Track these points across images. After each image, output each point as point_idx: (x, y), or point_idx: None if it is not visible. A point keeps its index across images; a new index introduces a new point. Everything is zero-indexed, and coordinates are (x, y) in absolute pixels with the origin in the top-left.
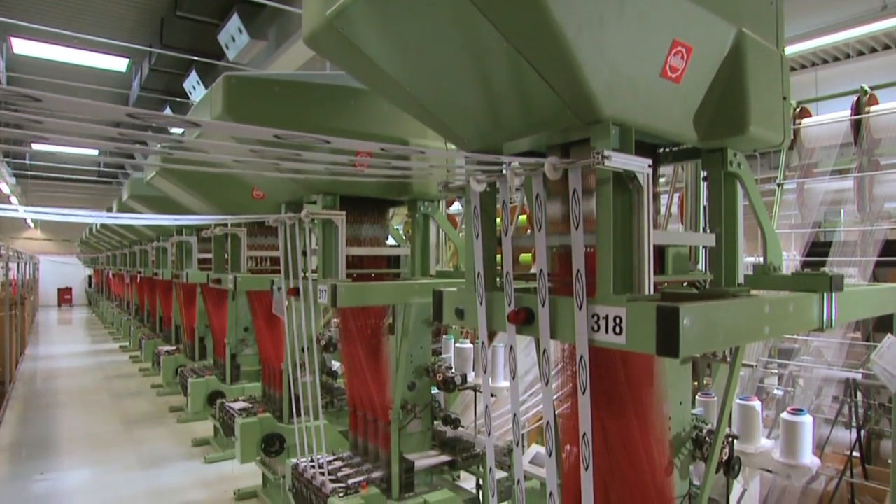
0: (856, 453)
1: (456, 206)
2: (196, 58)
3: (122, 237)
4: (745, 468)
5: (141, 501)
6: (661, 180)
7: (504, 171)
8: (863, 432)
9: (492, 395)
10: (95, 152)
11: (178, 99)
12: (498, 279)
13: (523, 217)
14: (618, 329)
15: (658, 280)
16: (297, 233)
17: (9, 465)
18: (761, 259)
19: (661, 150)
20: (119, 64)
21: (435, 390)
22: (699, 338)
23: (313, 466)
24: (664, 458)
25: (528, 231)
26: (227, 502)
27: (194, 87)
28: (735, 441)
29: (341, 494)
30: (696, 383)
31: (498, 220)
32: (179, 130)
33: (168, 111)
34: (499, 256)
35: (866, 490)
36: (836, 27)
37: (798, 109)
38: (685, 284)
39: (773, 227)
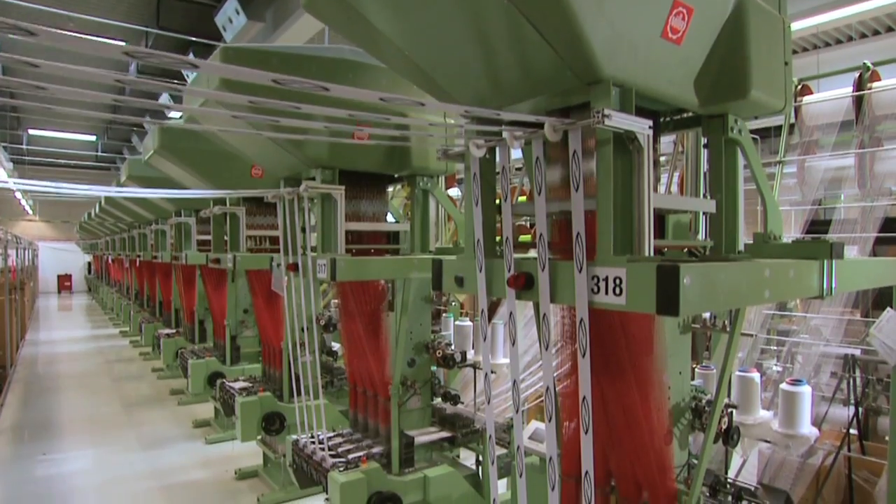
0: (853, 430)
1: (455, 192)
2: (193, 39)
3: (119, 219)
4: (745, 439)
5: (143, 481)
6: (662, 159)
7: (504, 136)
8: (860, 409)
9: (492, 372)
10: (93, 137)
11: (175, 81)
12: (497, 248)
13: (522, 198)
14: (618, 290)
15: (658, 245)
16: (296, 208)
17: (12, 446)
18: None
19: (662, 120)
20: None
21: (435, 368)
22: (699, 297)
23: (313, 442)
24: (663, 427)
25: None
26: (228, 481)
27: None
28: (734, 411)
29: (341, 469)
30: (695, 364)
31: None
32: (177, 115)
33: (166, 94)
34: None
35: (863, 465)
36: (838, 2)
37: (799, 87)
38: (685, 251)
39: (773, 196)
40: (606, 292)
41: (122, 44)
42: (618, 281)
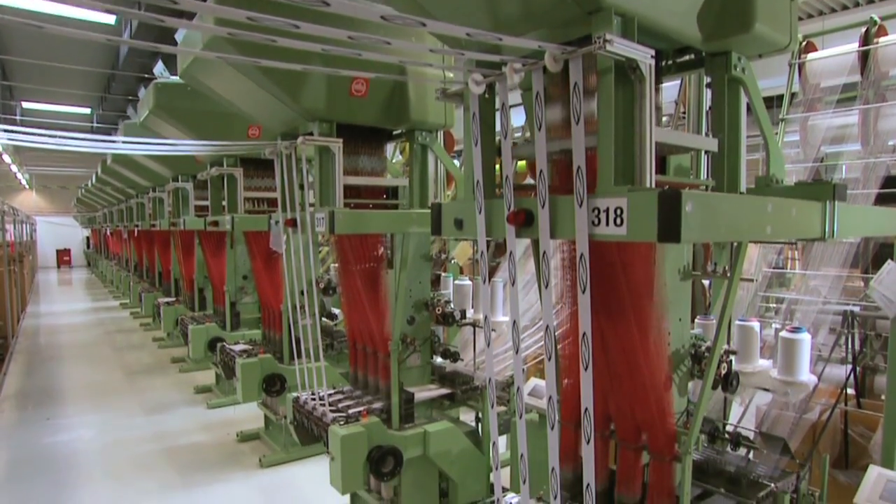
0: (850, 390)
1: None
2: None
3: (116, 189)
4: (744, 389)
5: (146, 443)
6: (664, 119)
7: (503, 70)
8: (858, 368)
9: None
10: (88, 110)
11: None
12: (497, 189)
13: (522, 164)
14: (618, 220)
15: (659, 181)
16: (294, 165)
17: (17, 412)
18: None
19: (664, 63)
20: (107, 17)
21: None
22: (701, 225)
23: (314, 399)
24: (663, 371)
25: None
26: (230, 444)
27: None
28: (733, 359)
29: (342, 423)
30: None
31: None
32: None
33: (160, 62)
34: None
35: (859, 420)
36: None
37: (804, 44)
38: (686, 189)
39: (775, 139)
40: (607, 223)
41: None
42: (619, 211)
